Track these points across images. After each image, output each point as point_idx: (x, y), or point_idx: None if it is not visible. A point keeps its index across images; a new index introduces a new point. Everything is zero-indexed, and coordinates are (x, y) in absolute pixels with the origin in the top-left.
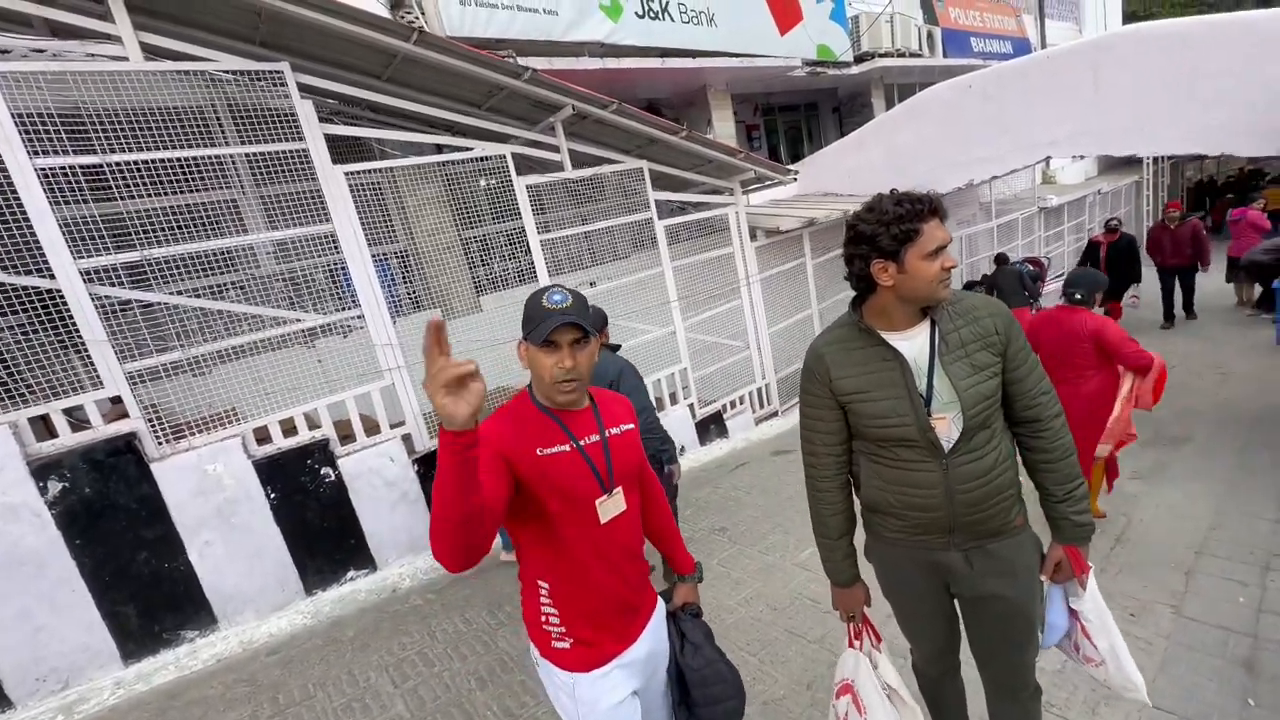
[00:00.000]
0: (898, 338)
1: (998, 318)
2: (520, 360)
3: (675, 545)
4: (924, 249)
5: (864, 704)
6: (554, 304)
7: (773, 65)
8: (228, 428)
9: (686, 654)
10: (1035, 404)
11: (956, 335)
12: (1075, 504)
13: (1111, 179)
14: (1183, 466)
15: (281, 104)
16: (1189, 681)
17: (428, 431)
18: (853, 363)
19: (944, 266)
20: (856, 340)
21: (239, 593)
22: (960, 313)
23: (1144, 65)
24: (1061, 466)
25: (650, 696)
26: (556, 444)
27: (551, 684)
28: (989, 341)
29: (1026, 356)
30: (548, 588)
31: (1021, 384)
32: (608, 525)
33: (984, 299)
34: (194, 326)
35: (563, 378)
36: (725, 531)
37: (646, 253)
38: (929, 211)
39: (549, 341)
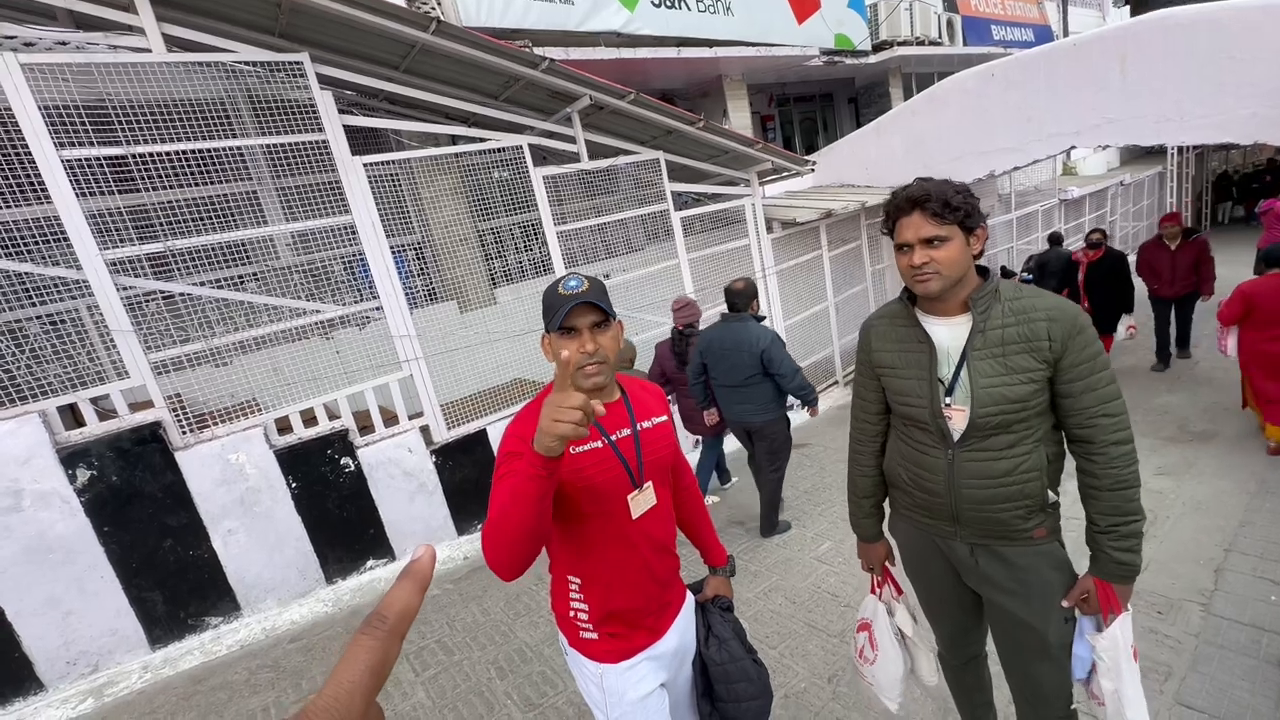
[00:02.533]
0: (937, 322)
1: (1057, 324)
2: (546, 355)
3: (708, 537)
4: (896, 242)
5: (878, 643)
6: (570, 289)
7: (790, 54)
8: (249, 418)
9: (710, 647)
10: (1091, 424)
11: (999, 333)
12: (1119, 539)
13: (1135, 170)
14: (1211, 463)
15: (301, 95)
16: (1221, 681)
17: (445, 423)
18: (894, 338)
19: (908, 264)
20: (903, 318)
21: (261, 580)
22: (1015, 310)
23: (1173, 52)
24: (1109, 497)
25: (678, 689)
26: (589, 440)
27: (580, 674)
28: (1035, 346)
29: (1089, 372)
30: (579, 583)
31: (1075, 399)
32: (639, 520)
33: (1054, 303)
34: (215, 318)
35: (585, 362)
36: (743, 525)
37: (662, 244)
38: (906, 204)
39: (568, 328)
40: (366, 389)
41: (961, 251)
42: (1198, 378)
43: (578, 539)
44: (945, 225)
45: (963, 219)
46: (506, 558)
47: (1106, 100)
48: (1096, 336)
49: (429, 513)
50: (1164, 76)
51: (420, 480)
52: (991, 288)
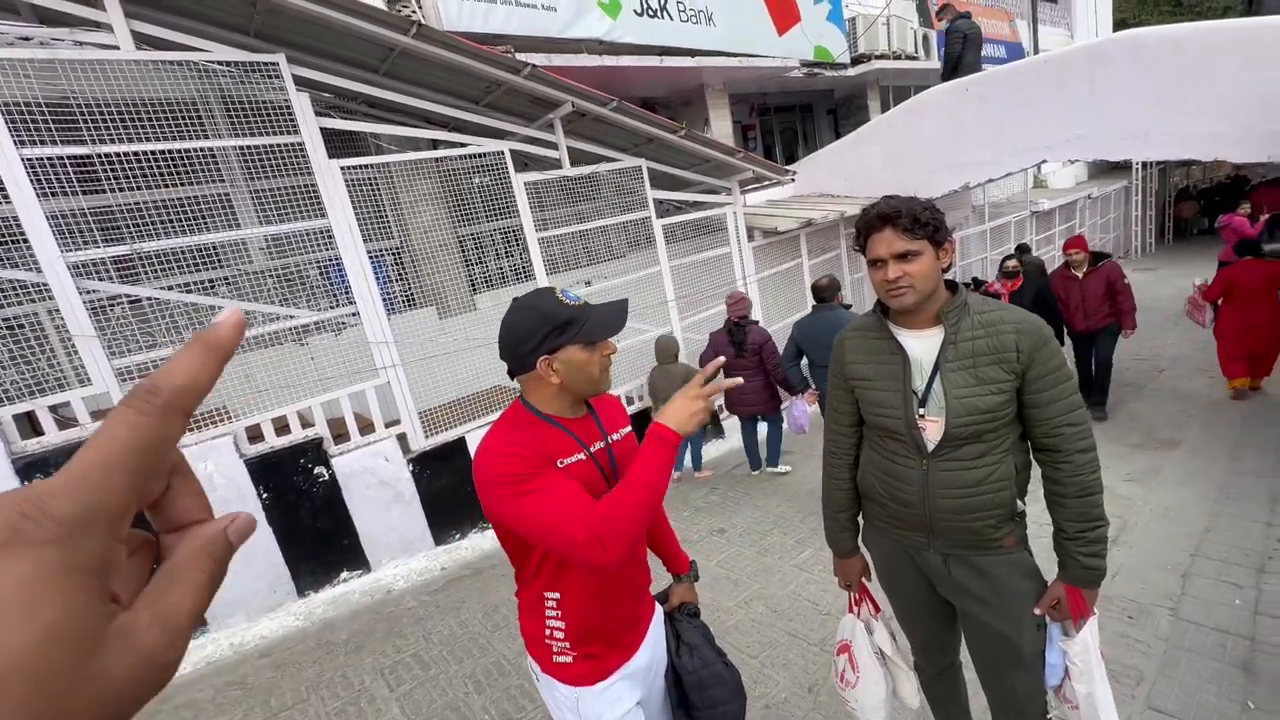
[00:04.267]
0: (909, 335)
1: (1023, 335)
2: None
3: (671, 544)
4: (868, 258)
5: (859, 665)
6: (574, 299)
7: (770, 65)
8: (219, 426)
9: (682, 656)
10: (1057, 434)
11: (970, 345)
12: (1086, 545)
13: (1101, 183)
14: (1175, 470)
15: (276, 96)
16: (1190, 685)
17: (423, 431)
18: (868, 350)
19: (883, 279)
20: (876, 330)
21: (229, 594)
22: (984, 323)
23: (1138, 71)
24: (1076, 504)
25: (652, 705)
26: (573, 453)
27: (553, 700)
28: (1004, 358)
29: (1054, 383)
30: (557, 598)
31: (1042, 409)
32: None
33: (1021, 316)
34: (184, 323)
35: (609, 365)
36: (724, 533)
37: (644, 252)
38: (878, 221)
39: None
40: (342, 396)
41: (932, 265)
42: (1163, 385)
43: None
44: (916, 240)
45: (932, 233)
46: (635, 543)
47: (1076, 116)
48: (1060, 349)
49: (406, 523)
50: (1130, 95)
51: (397, 489)
52: (961, 301)
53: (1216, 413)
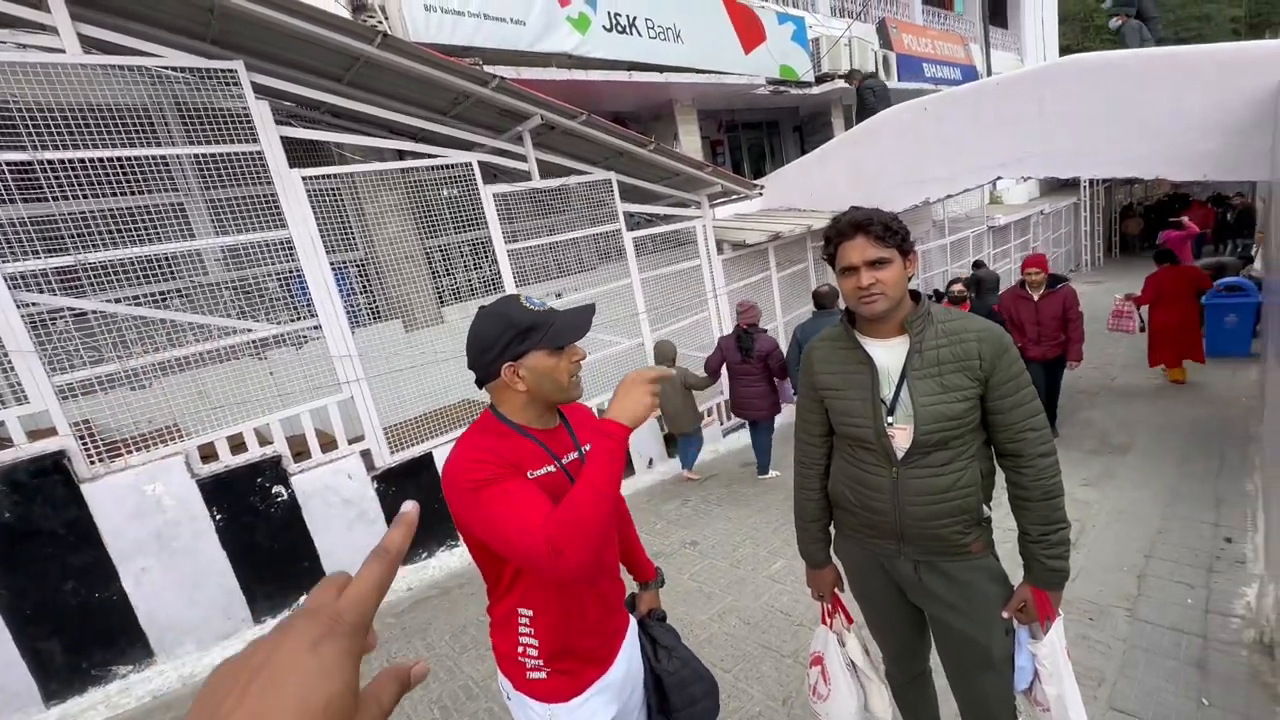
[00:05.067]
0: (876, 344)
1: (985, 344)
2: (515, 384)
3: (638, 553)
4: (840, 266)
5: (830, 677)
6: (539, 305)
7: (738, 83)
8: (169, 445)
9: (662, 659)
10: (1019, 439)
11: (935, 353)
12: (1050, 548)
13: (1053, 200)
14: (1128, 474)
15: (235, 104)
16: (1149, 684)
17: (389, 447)
18: (836, 360)
19: (855, 285)
20: (843, 340)
21: (179, 622)
22: (948, 332)
23: (1084, 94)
24: (1039, 508)
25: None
26: (544, 465)
27: (526, 718)
28: (967, 365)
29: (1016, 389)
30: (530, 615)
31: (1004, 415)
32: None
33: (982, 324)
34: (133, 337)
35: (576, 371)
36: (696, 545)
37: (614, 264)
38: (849, 229)
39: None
40: (303, 412)
41: (901, 273)
42: (1115, 392)
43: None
44: (887, 248)
45: (900, 242)
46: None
47: (1027, 135)
48: (1019, 355)
49: (370, 542)
50: (1077, 116)
51: (360, 508)
52: (925, 310)
53: (1165, 417)
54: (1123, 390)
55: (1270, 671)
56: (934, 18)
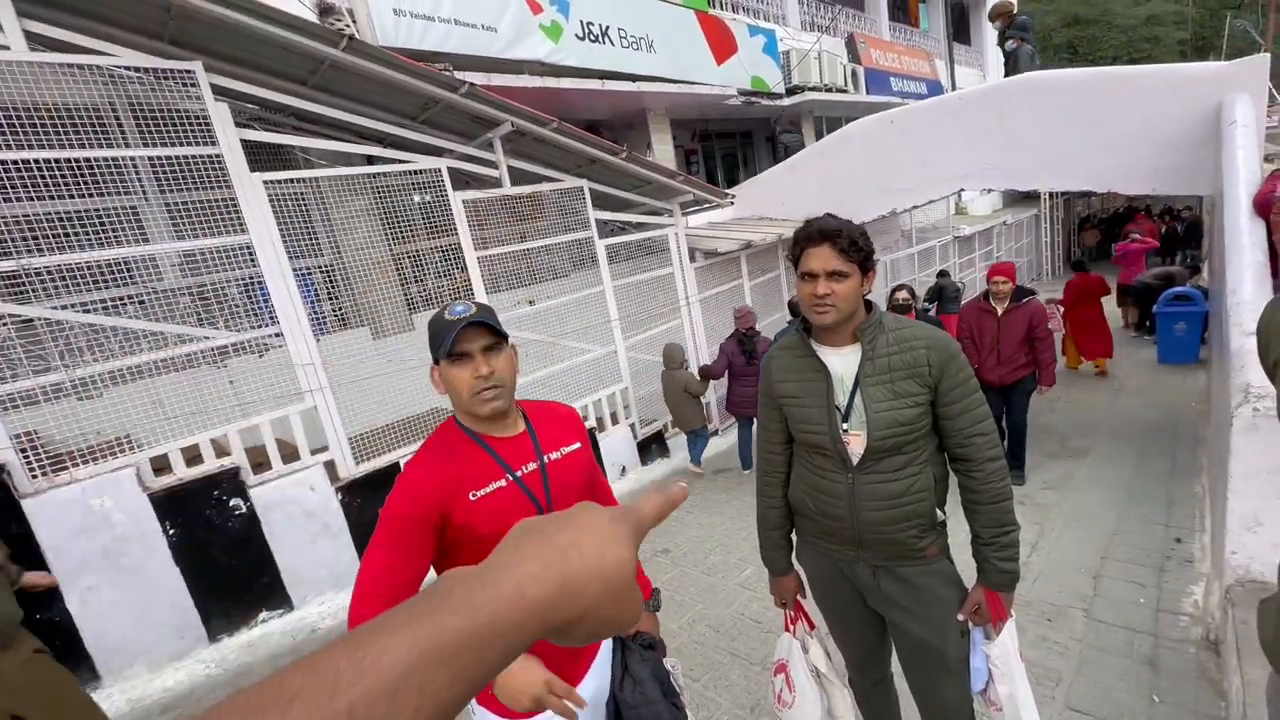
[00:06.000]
0: (830, 352)
1: (934, 350)
2: (437, 388)
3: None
4: (801, 270)
5: (795, 684)
6: (456, 314)
7: (710, 93)
8: (119, 457)
9: (625, 688)
10: (968, 444)
11: (886, 360)
12: (1001, 550)
13: (1016, 211)
14: (1086, 476)
15: (193, 106)
16: (1103, 683)
17: (353, 457)
18: (793, 369)
19: (811, 293)
20: (800, 349)
21: (128, 643)
22: (898, 340)
23: (1042, 110)
24: (989, 511)
25: None
26: (491, 481)
27: None
28: (917, 372)
29: (964, 395)
30: None
31: (953, 421)
32: None
33: (930, 332)
34: (82, 345)
35: (480, 387)
36: (668, 553)
37: (587, 271)
38: (818, 236)
39: (459, 354)
40: (263, 422)
41: (857, 289)
42: (1074, 398)
43: None
44: (849, 262)
45: (863, 260)
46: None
47: (988, 149)
48: (968, 363)
49: (334, 556)
50: (1035, 131)
51: (324, 520)
52: (876, 319)
53: (1121, 422)
54: (1081, 395)
55: (1216, 668)
56: (900, 34)
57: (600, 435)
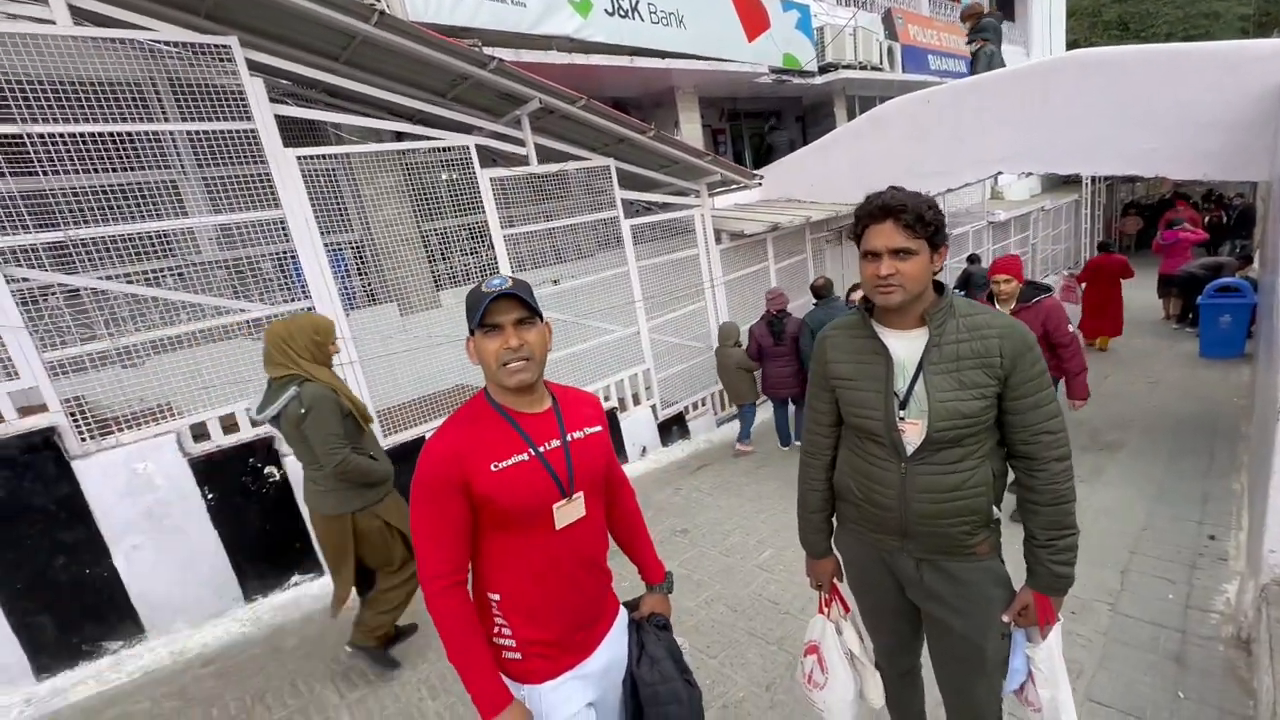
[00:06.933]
0: (893, 335)
1: (1008, 340)
2: (471, 358)
3: (645, 553)
4: (863, 249)
5: (828, 665)
6: (492, 287)
7: (740, 70)
8: (161, 424)
9: (642, 667)
10: (1034, 441)
11: (954, 348)
12: (1057, 553)
13: (1055, 197)
14: (1117, 471)
15: (229, 81)
16: (1127, 677)
17: (381, 430)
18: (850, 350)
19: (875, 273)
20: (860, 329)
21: (170, 600)
22: (969, 327)
23: (1086, 90)
24: (1049, 512)
25: (607, 707)
26: (514, 454)
27: None
28: (987, 362)
29: (1035, 390)
30: (499, 599)
31: (1022, 416)
32: (564, 531)
33: (1005, 321)
34: (125, 315)
35: (509, 358)
36: (687, 533)
37: (611, 252)
38: (880, 212)
39: (490, 325)
40: None
41: (925, 267)
42: (1108, 391)
43: (498, 552)
44: (915, 239)
45: (932, 234)
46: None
47: (1028, 131)
48: (1042, 355)
49: None
50: (1079, 111)
51: None
52: (947, 303)
53: (1157, 417)
54: (1116, 388)
55: (1246, 666)
56: (941, 9)
57: (622, 416)
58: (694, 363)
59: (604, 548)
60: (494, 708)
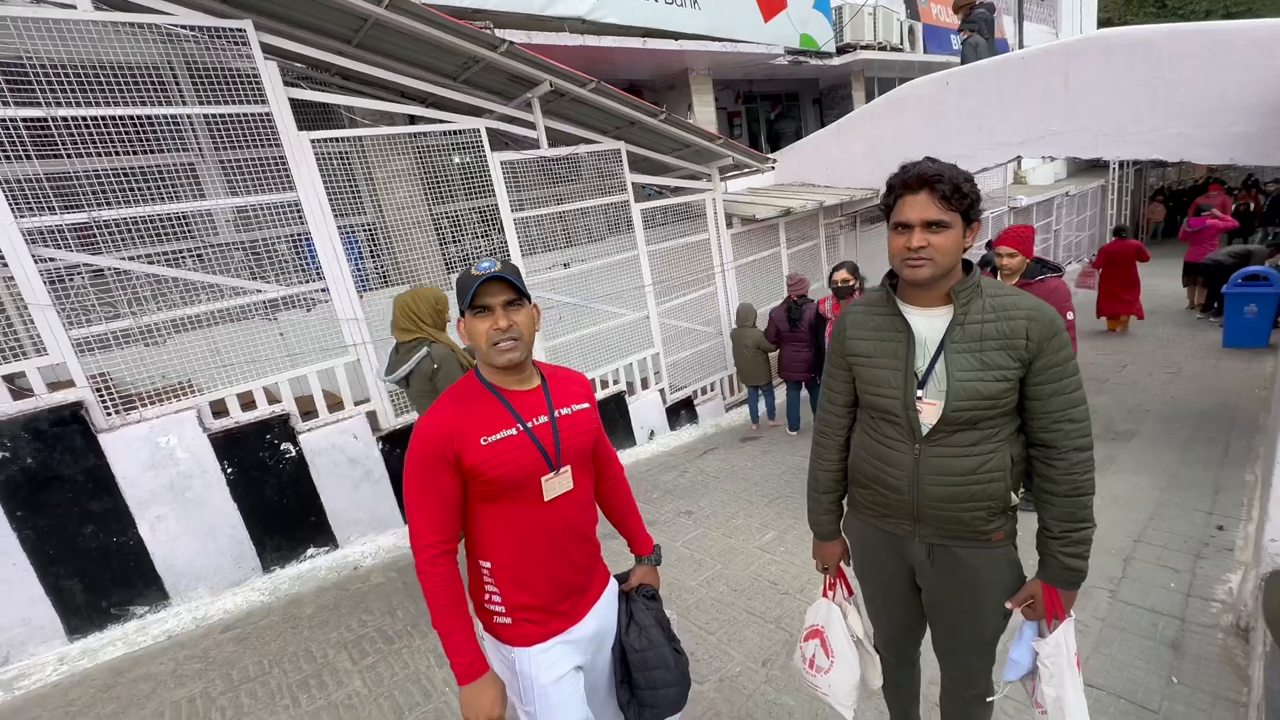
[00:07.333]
0: (916, 312)
1: (1035, 323)
2: (462, 337)
3: (635, 526)
4: (894, 220)
5: (832, 649)
6: (481, 270)
7: (755, 51)
8: (182, 400)
9: (631, 634)
10: (1054, 429)
11: (979, 328)
12: (1070, 545)
13: (1080, 182)
14: (1129, 459)
15: (244, 64)
16: (1120, 660)
17: (394, 410)
18: (871, 326)
19: (905, 245)
20: (882, 306)
21: (192, 569)
22: (995, 307)
23: (1111, 71)
24: (1064, 504)
25: (596, 672)
26: (502, 429)
27: (496, 658)
28: (1012, 344)
29: (1060, 376)
30: (490, 567)
31: (1043, 402)
32: (552, 503)
33: (1034, 302)
34: (147, 294)
35: (499, 338)
36: (691, 515)
37: (622, 236)
38: (916, 181)
39: (481, 306)
40: (310, 373)
41: (958, 242)
42: (1125, 380)
43: (489, 523)
44: (950, 211)
45: (968, 207)
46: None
47: (1050, 113)
48: (1069, 341)
49: (374, 501)
50: (1102, 93)
51: (366, 468)
52: (974, 281)
53: (1174, 407)
54: (1134, 378)
55: (1243, 654)
56: None
57: (630, 399)
58: (703, 348)
59: (593, 520)
60: (470, 675)
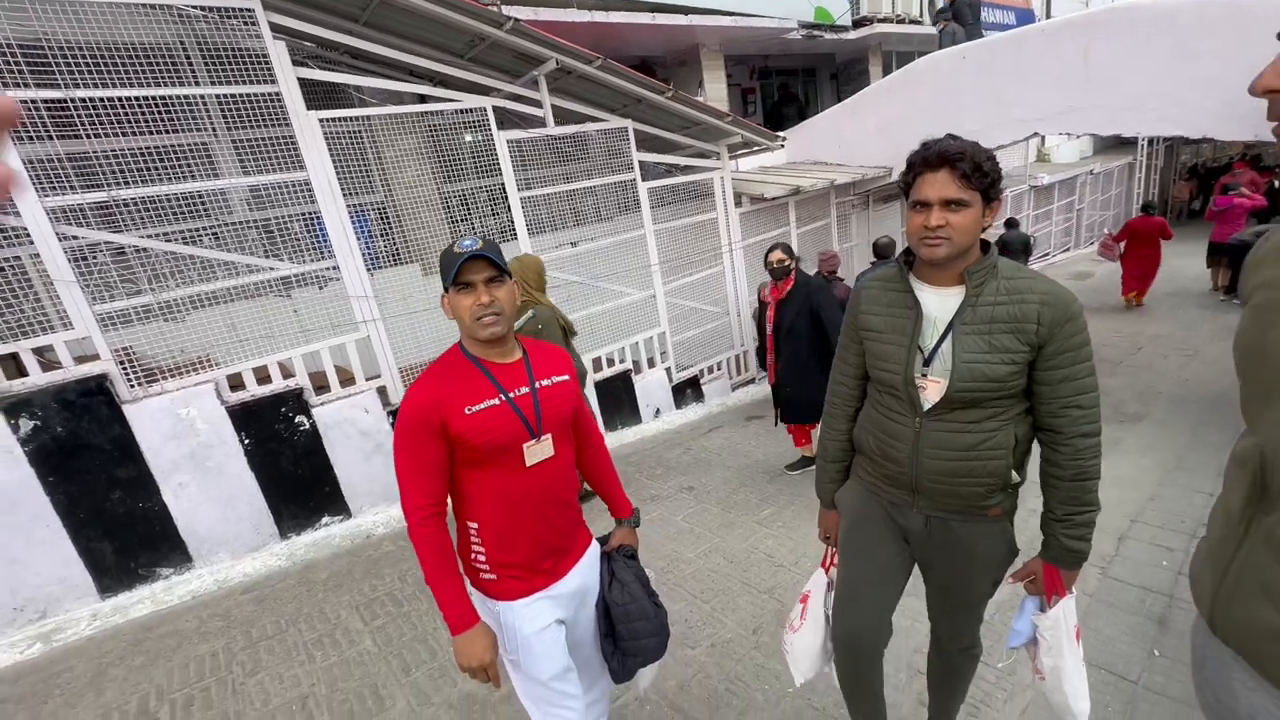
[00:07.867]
0: (929, 291)
1: (1049, 308)
2: (446, 313)
3: (614, 490)
4: (913, 198)
5: (809, 615)
6: (464, 248)
7: (768, 26)
8: (201, 373)
9: (613, 590)
10: (1061, 415)
11: (990, 310)
12: (1072, 528)
13: (1106, 159)
14: (1136, 441)
15: (253, 44)
16: (1105, 634)
17: (403, 385)
18: (883, 301)
19: (923, 224)
20: (896, 283)
21: (214, 534)
22: (1009, 290)
23: (1133, 44)
24: (1069, 488)
25: (580, 626)
26: (485, 399)
27: (484, 611)
28: (1022, 328)
29: (1071, 362)
30: (476, 527)
31: (1051, 387)
32: (534, 469)
33: (1050, 286)
34: (166, 271)
35: (481, 313)
36: (692, 490)
37: (629, 215)
38: (936, 159)
39: (464, 283)
40: (322, 348)
41: (976, 221)
42: (1138, 363)
43: (475, 487)
44: (969, 189)
45: (988, 186)
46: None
47: (1070, 88)
48: (1085, 326)
49: (385, 472)
50: (1125, 67)
51: (377, 440)
52: (990, 263)
53: (1186, 389)
54: (1148, 360)
55: None
56: None
57: (636, 378)
58: (710, 327)
59: (574, 487)
60: (461, 625)
